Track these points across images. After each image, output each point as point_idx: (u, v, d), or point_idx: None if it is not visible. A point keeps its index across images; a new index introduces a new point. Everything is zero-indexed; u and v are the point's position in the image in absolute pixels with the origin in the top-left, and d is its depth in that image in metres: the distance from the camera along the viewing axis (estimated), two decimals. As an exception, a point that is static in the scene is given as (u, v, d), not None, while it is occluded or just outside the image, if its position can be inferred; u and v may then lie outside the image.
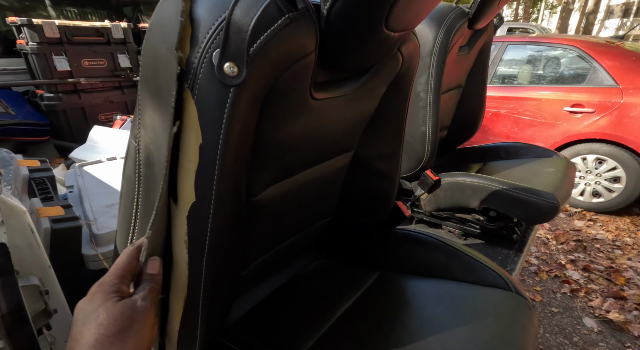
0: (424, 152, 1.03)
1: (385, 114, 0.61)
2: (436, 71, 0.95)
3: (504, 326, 0.54)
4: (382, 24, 0.39)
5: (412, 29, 0.47)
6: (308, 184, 0.56)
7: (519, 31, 7.28)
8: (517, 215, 1.02)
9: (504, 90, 2.84)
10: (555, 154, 1.30)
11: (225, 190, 0.36)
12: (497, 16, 1.20)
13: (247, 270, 0.56)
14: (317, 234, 0.71)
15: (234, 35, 0.30)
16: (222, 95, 0.31)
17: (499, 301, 0.59)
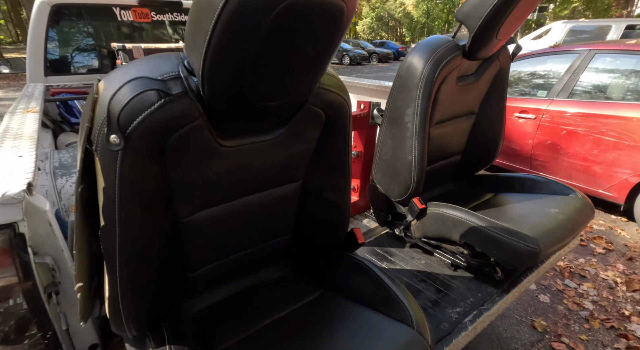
0: (411, 180, 1.03)
1: (325, 151, 0.70)
2: (421, 104, 0.96)
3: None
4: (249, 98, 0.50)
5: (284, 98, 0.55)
6: (252, 208, 0.68)
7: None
8: (494, 255, 0.95)
9: (583, 106, 2.49)
10: (573, 193, 1.14)
11: (127, 218, 0.52)
12: (514, 43, 1.12)
13: (196, 273, 0.70)
14: (277, 249, 0.82)
15: (112, 118, 0.45)
16: (113, 156, 0.47)
17: (399, 336, 0.62)
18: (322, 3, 0.43)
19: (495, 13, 0.89)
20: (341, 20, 0.47)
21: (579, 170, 2.57)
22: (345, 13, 0.46)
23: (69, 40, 2.01)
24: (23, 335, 0.63)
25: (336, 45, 0.52)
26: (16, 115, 1.06)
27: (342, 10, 0.45)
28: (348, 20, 0.49)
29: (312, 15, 0.43)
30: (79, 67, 2.06)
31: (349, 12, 0.47)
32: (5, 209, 0.55)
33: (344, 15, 0.46)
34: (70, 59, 2.03)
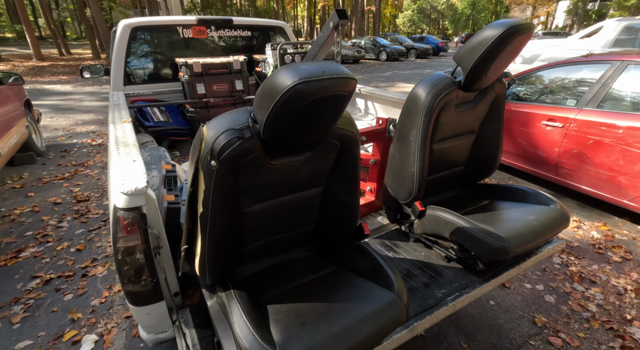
0: (413, 187, 1.26)
1: (340, 167, 0.98)
2: (423, 127, 1.18)
3: (374, 311, 0.85)
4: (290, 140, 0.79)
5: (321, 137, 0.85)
6: (288, 204, 0.99)
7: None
8: (474, 250, 1.16)
9: (611, 117, 2.52)
10: (554, 204, 1.30)
11: (215, 207, 0.84)
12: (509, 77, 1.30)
13: (249, 247, 1.01)
14: (305, 235, 1.11)
15: (214, 150, 0.77)
16: (211, 172, 0.79)
17: (384, 296, 0.89)
18: (334, 95, 0.74)
19: (483, 59, 1.09)
20: (345, 99, 0.78)
21: (605, 180, 2.61)
22: (347, 96, 0.78)
23: (142, 55, 2.44)
24: (140, 278, 0.97)
25: (344, 109, 0.82)
26: (117, 125, 1.43)
27: (345, 96, 0.77)
28: (350, 96, 0.79)
29: (328, 100, 0.74)
30: (150, 77, 2.49)
31: (349, 94, 0.78)
32: (137, 197, 0.89)
33: (347, 98, 0.78)
34: (143, 71, 2.46)
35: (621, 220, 2.78)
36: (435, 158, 1.34)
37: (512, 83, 1.29)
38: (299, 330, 0.79)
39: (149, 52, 2.46)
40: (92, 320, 1.86)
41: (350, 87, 0.75)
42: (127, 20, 2.24)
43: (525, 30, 1.04)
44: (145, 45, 2.43)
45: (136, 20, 2.27)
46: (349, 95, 0.77)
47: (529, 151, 3.14)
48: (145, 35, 2.39)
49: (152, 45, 2.46)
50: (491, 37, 1.05)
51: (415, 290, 1.21)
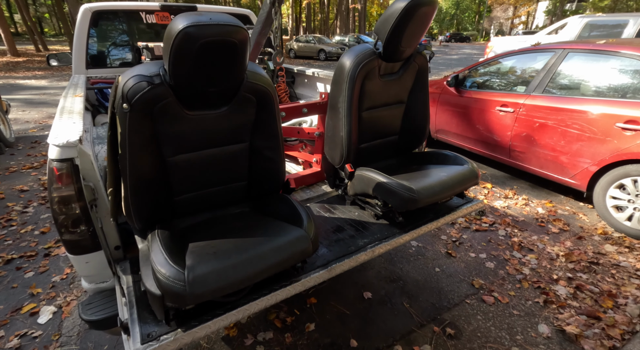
0: (342, 151, 1.39)
1: (261, 123, 1.08)
2: (348, 94, 1.30)
3: (285, 242, 0.98)
4: (196, 86, 0.89)
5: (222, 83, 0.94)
6: (214, 157, 1.08)
7: None
8: (390, 201, 1.29)
9: (553, 101, 2.71)
10: (467, 164, 1.45)
11: (133, 151, 0.92)
12: (429, 51, 1.44)
13: (180, 198, 1.10)
14: (239, 190, 1.21)
15: (125, 94, 0.87)
16: (124, 115, 0.88)
17: (294, 232, 1.01)
18: (224, 41, 0.84)
19: (395, 30, 1.21)
20: (236, 47, 0.87)
21: (550, 160, 2.80)
22: (238, 44, 0.87)
23: (105, 39, 2.49)
24: (76, 229, 1.05)
25: (241, 58, 0.91)
26: (68, 98, 1.50)
27: (236, 43, 0.87)
28: (243, 46, 0.89)
29: (219, 45, 0.85)
30: (112, 61, 2.54)
31: (241, 43, 0.87)
32: (68, 149, 0.97)
33: (237, 45, 0.88)
34: (106, 55, 2.51)
35: (566, 198, 2.99)
36: (367, 126, 1.46)
37: (432, 56, 1.42)
38: (210, 257, 0.89)
39: (112, 36, 2.50)
40: (51, 294, 1.92)
41: (240, 36, 0.85)
42: (87, 5, 2.29)
43: (426, 3, 1.17)
44: (108, 30, 2.48)
45: (97, 4, 2.32)
46: (240, 44, 0.87)
47: (487, 136, 3.32)
48: (107, 20, 2.44)
49: (115, 30, 2.51)
50: (398, 9, 1.18)
51: (341, 241, 1.33)
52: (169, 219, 1.14)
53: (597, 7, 23.93)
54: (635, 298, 1.79)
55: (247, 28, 2.32)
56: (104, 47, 2.49)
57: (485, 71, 3.54)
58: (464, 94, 3.53)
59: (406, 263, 2.16)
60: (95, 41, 2.42)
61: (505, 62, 3.38)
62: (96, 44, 2.43)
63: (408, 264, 2.16)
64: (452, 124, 3.73)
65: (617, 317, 1.66)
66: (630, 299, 1.79)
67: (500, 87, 3.29)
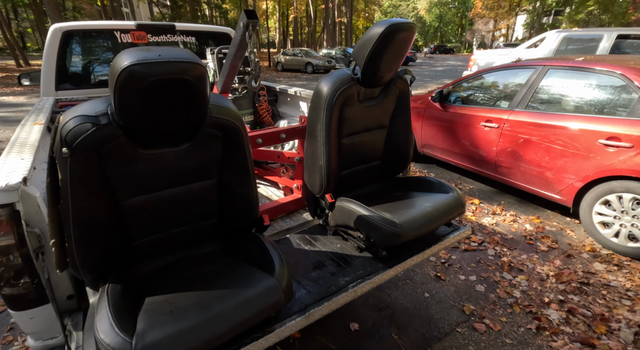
0: (321, 180, 1.32)
1: (229, 158, 1.00)
2: (326, 121, 1.24)
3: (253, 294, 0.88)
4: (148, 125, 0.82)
5: None
6: (177, 196, 0.99)
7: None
8: (373, 236, 1.22)
9: (536, 117, 2.72)
10: (453, 192, 1.39)
11: (77, 198, 0.82)
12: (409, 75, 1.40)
13: (140, 241, 0.99)
14: (208, 228, 1.11)
15: (65, 137, 0.77)
16: (64, 160, 0.78)
17: (264, 281, 0.91)
18: (176, 79, 0.75)
19: (373, 55, 1.17)
20: (192, 84, 0.79)
21: (535, 176, 2.79)
22: (193, 81, 0.79)
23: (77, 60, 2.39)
24: (19, 281, 0.94)
25: (199, 95, 0.83)
26: (26, 126, 1.39)
27: (190, 81, 0.78)
28: (199, 82, 0.80)
29: (170, 84, 0.76)
30: (84, 82, 2.44)
31: (197, 79, 0.79)
32: (8, 193, 0.86)
33: (192, 83, 0.79)
34: (78, 76, 2.40)
35: (553, 213, 2.97)
36: (348, 152, 1.40)
37: (413, 80, 1.37)
38: (165, 319, 0.78)
39: (84, 56, 2.41)
40: None
41: (195, 72, 0.78)
42: (58, 24, 2.20)
43: (404, 28, 1.12)
44: (80, 50, 2.38)
45: (68, 24, 2.23)
46: (196, 81, 0.79)
47: (472, 151, 3.31)
48: (80, 40, 2.34)
49: (88, 50, 2.42)
50: (376, 35, 1.13)
51: (321, 280, 1.24)
52: (127, 266, 1.03)
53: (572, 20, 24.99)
54: (628, 322, 1.74)
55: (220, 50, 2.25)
56: (76, 67, 2.39)
57: (469, 86, 3.57)
58: (448, 109, 3.54)
59: (394, 288, 2.08)
60: (66, 61, 2.32)
61: (489, 77, 3.41)
62: (67, 65, 2.33)
63: (396, 289, 2.07)
64: (437, 139, 3.72)
65: (611, 344, 1.60)
66: (623, 323, 1.74)
67: (485, 103, 3.30)
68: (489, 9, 37.97)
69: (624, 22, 19.85)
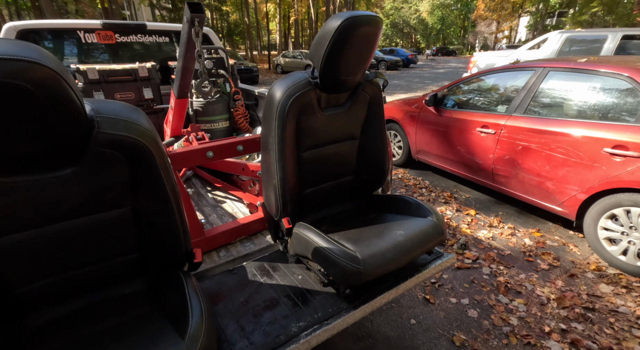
0: (277, 201, 1.12)
1: (141, 183, 0.81)
2: (278, 133, 1.05)
3: None
4: None
5: None
6: (72, 231, 0.81)
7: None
8: (331, 273, 1.02)
9: (536, 123, 2.52)
10: (431, 215, 1.19)
11: None
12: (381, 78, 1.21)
13: (25, 288, 0.80)
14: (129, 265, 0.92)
15: None
16: None
17: (170, 338, 0.72)
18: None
19: (330, 55, 0.98)
20: (376, 37, 0.98)
21: (534, 186, 2.58)
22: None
23: None
24: None
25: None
26: None
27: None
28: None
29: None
30: None
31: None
32: None
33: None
34: None
35: (554, 225, 2.76)
36: (311, 168, 1.21)
37: (386, 84, 1.17)
38: None
39: None
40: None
41: (34, 75, 0.57)
42: (12, 23, 2.03)
43: (365, 22, 0.93)
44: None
45: (24, 23, 2.06)
46: (37, 88, 0.58)
47: (468, 158, 3.11)
48: (37, 41, 2.17)
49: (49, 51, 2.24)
50: (331, 31, 0.94)
51: (270, 325, 1.04)
52: (17, 317, 0.84)
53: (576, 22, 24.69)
54: (639, 358, 1.53)
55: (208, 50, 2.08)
56: None
57: (464, 89, 3.37)
58: (443, 114, 3.34)
59: (377, 313, 1.88)
60: None
61: (485, 80, 3.21)
62: None
63: (379, 314, 1.87)
64: (432, 145, 3.52)
65: (620, 386, 1.40)
66: (633, 359, 1.53)
67: (481, 107, 3.10)
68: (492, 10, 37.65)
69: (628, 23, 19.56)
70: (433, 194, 3.40)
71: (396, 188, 3.58)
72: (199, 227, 1.31)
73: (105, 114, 0.75)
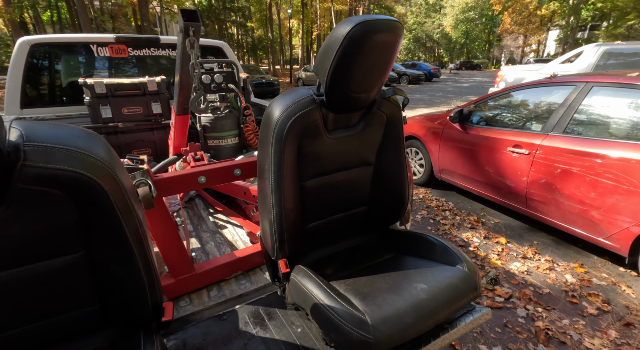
0: (273, 239, 0.94)
1: (92, 225, 0.65)
2: (275, 159, 0.88)
3: None
4: None
5: None
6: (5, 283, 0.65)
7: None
8: (331, 339, 0.81)
9: (577, 143, 2.24)
10: (461, 263, 0.96)
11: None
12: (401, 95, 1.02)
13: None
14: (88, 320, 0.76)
15: None
16: None
17: None
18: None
19: (337, 69, 0.81)
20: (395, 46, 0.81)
21: (576, 214, 2.28)
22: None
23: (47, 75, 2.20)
24: None
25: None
26: None
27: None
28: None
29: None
30: (54, 100, 2.24)
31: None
32: None
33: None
34: (46, 93, 2.21)
35: (601, 260, 2.42)
36: (316, 199, 1.02)
37: (407, 103, 0.99)
38: None
39: (55, 72, 2.22)
40: None
41: None
42: (26, 38, 2.03)
43: (381, 28, 0.76)
44: (51, 65, 2.20)
45: (38, 37, 2.05)
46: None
47: (498, 180, 2.84)
48: (50, 54, 2.16)
49: (59, 65, 2.23)
50: (339, 39, 0.78)
51: None
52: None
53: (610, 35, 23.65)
54: None
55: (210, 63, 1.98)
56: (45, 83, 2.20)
57: (493, 105, 3.12)
58: (469, 131, 3.10)
59: (393, 360, 1.64)
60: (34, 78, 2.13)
61: (517, 95, 2.96)
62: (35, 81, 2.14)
63: (396, 361, 1.63)
64: (457, 164, 3.27)
65: None
66: None
67: (512, 125, 2.84)
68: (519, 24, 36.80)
69: (669, 36, 18.51)
70: (458, 218, 3.12)
71: (417, 209, 3.33)
72: (187, 263, 1.15)
73: (39, 141, 0.60)
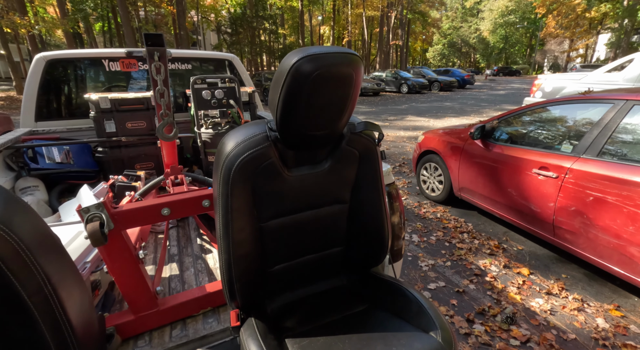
0: (224, 290, 0.84)
1: None
2: (222, 202, 0.78)
3: None
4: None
5: None
6: None
7: None
8: None
9: (614, 169, 1.97)
10: (435, 328, 0.79)
11: None
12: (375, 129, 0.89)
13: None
14: None
15: None
16: None
17: None
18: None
19: (285, 107, 0.71)
20: (352, 81, 0.71)
21: (612, 249, 2.00)
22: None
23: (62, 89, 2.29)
24: None
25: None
26: None
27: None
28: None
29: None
30: (66, 114, 2.33)
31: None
32: None
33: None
34: (59, 107, 2.30)
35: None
36: (279, 240, 0.92)
37: (382, 138, 0.87)
38: None
39: (69, 86, 2.31)
40: None
41: None
42: (43, 54, 2.12)
43: (331, 62, 0.65)
44: (65, 80, 2.29)
45: (53, 53, 2.15)
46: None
47: (521, 204, 2.59)
48: (65, 69, 2.25)
49: (73, 80, 2.32)
50: (284, 73, 0.68)
51: None
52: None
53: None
54: None
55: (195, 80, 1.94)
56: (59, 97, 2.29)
57: (517, 122, 2.87)
58: (492, 148, 2.86)
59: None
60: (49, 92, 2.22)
61: (545, 112, 2.69)
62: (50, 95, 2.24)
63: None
64: (477, 183, 3.04)
65: None
66: None
67: (538, 144, 2.58)
68: (564, 28, 34.50)
69: None
70: (476, 242, 2.88)
71: (432, 230, 3.12)
72: (149, 298, 1.09)
73: None
